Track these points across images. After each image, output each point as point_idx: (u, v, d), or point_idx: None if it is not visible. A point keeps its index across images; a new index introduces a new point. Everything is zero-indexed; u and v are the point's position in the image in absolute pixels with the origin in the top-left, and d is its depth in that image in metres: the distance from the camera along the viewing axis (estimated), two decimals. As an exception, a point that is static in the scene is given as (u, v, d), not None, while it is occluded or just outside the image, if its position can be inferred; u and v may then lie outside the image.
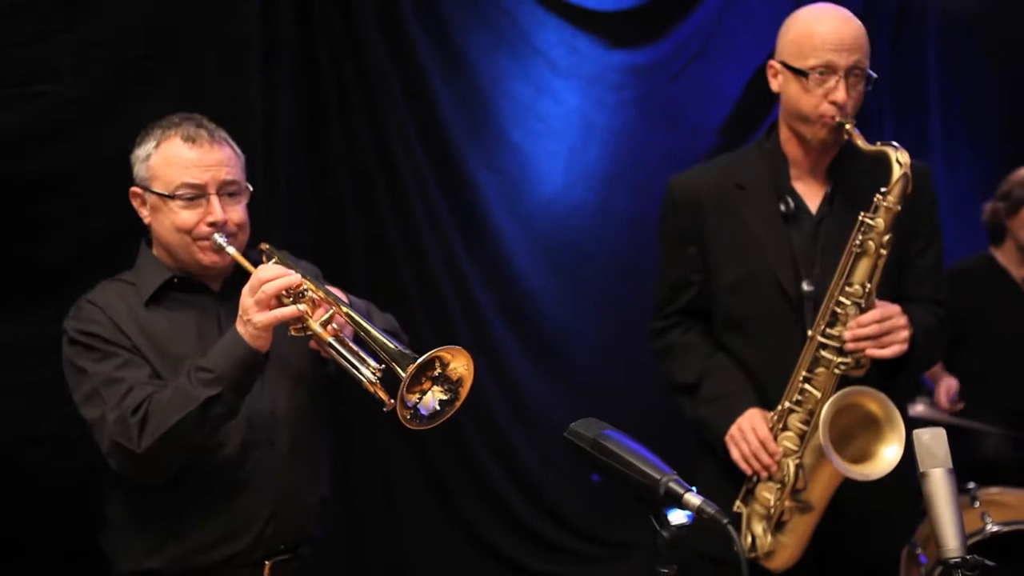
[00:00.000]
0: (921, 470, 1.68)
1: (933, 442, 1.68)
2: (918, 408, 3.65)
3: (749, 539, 2.25)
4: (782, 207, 2.29)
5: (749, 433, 2.20)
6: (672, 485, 1.38)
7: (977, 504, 3.26)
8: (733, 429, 2.23)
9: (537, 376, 4.24)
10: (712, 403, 2.31)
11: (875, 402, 2.07)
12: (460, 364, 1.74)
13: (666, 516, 1.42)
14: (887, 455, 2.07)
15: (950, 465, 1.67)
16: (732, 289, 2.32)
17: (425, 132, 3.86)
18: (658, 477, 1.40)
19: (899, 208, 2.08)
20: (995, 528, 3.10)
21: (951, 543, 1.62)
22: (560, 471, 4.16)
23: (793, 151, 2.32)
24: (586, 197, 4.32)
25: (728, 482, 2.30)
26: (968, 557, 1.60)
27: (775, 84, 2.30)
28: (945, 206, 5.16)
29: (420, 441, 3.86)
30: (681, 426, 2.55)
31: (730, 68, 4.53)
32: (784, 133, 2.33)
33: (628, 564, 4.29)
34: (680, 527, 1.41)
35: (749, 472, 2.21)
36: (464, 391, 1.75)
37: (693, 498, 1.38)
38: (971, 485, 3.39)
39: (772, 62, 2.29)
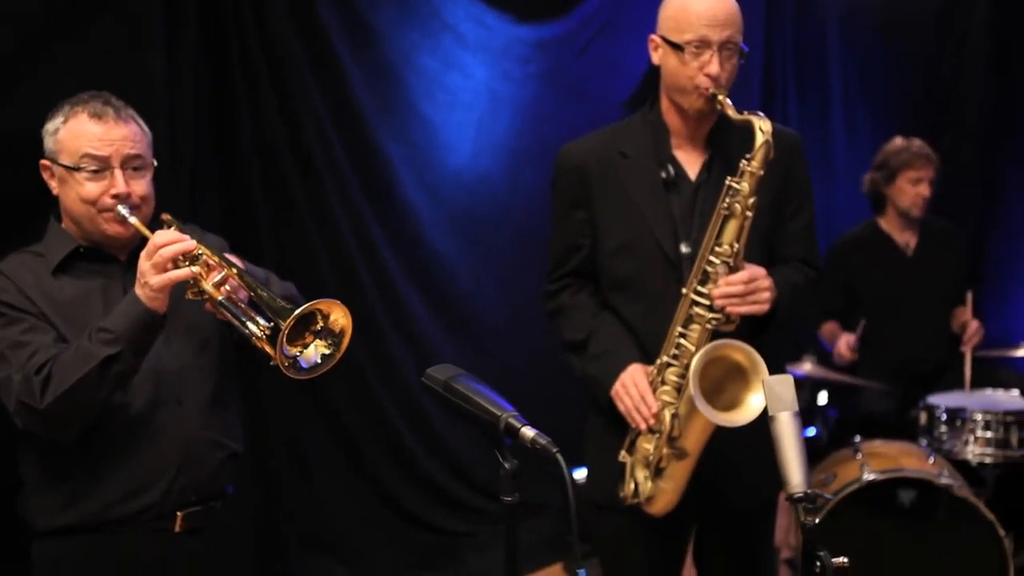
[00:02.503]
0: (770, 413, 1.81)
1: (781, 388, 1.80)
2: (806, 367, 3.84)
3: (632, 486, 2.39)
4: (663, 174, 2.41)
5: (631, 387, 2.33)
6: (511, 420, 1.52)
7: (859, 456, 3.47)
8: (617, 384, 2.36)
9: (447, 342, 4.36)
10: (598, 359, 2.44)
11: (741, 354, 2.21)
12: (339, 316, 1.85)
13: (509, 450, 1.53)
14: (753, 403, 2.21)
15: (796, 408, 1.79)
16: (616, 252, 2.44)
17: (334, 105, 3.92)
18: (499, 414, 1.53)
19: (762, 173, 2.21)
20: (871, 477, 3.31)
21: (795, 480, 1.74)
22: (471, 433, 4.28)
23: (673, 121, 2.44)
24: (494, 168, 4.43)
25: (614, 434, 2.43)
26: (808, 492, 1.72)
27: (655, 57, 2.42)
28: (845, 173, 5.43)
29: (334, 406, 3.96)
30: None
31: (635, 43, 4.63)
32: (665, 104, 2.45)
33: (538, 523, 4.44)
34: (513, 466, 1.53)
35: (634, 424, 2.35)
36: (345, 343, 1.86)
37: (528, 431, 1.51)
38: (856, 439, 3.60)
39: (652, 36, 2.42)
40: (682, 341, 2.30)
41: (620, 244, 2.43)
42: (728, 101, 2.28)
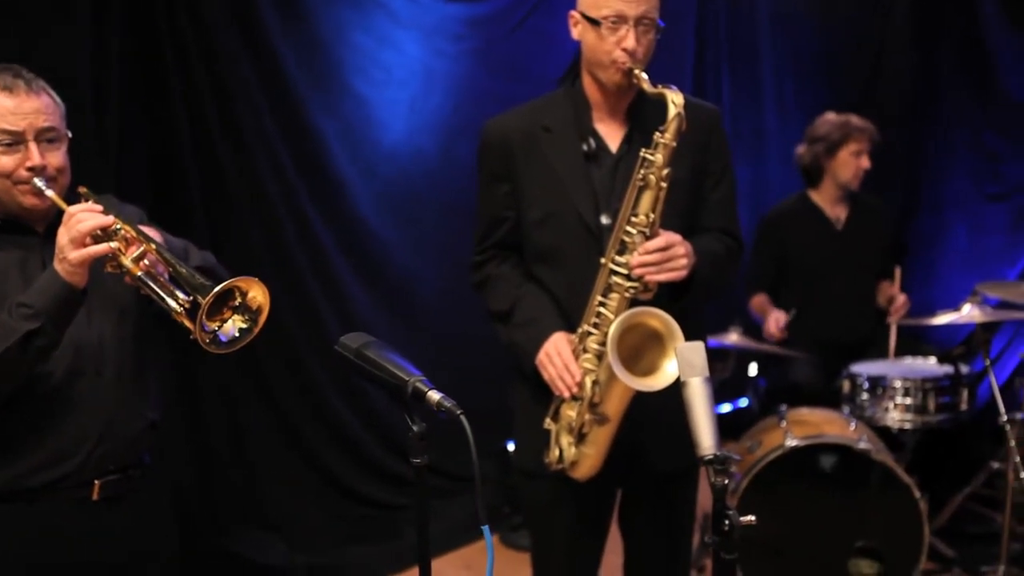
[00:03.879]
0: (682, 379, 1.87)
1: (692, 354, 1.86)
2: (733, 337, 3.92)
3: (557, 452, 2.44)
4: (584, 147, 2.46)
5: (555, 356, 2.38)
6: (418, 385, 1.56)
7: (784, 423, 3.56)
8: (541, 353, 2.41)
9: (383, 318, 4.39)
10: (523, 328, 2.48)
11: (658, 321, 2.26)
12: (257, 293, 1.88)
13: (417, 413, 1.58)
14: (670, 369, 2.26)
15: (707, 374, 1.84)
16: (539, 224, 2.48)
17: (265, 81, 3.92)
18: (407, 378, 1.57)
19: (675, 144, 2.26)
20: (794, 443, 3.40)
21: (706, 442, 1.79)
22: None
23: (594, 95, 2.48)
24: (428, 144, 4.46)
25: (539, 402, 2.48)
26: (718, 454, 1.79)
27: (575, 33, 2.46)
28: (776, 148, 5.51)
29: (270, 383, 3.98)
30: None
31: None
32: (585, 79, 2.49)
33: (472, 497, 4.51)
34: (422, 429, 1.57)
35: (558, 392, 2.40)
36: (262, 319, 1.90)
37: (434, 394, 1.56)
38: (782, 407, 3.69)
39: (572, 12, 2.45)
40: (602, 310, 2.35)
41: (543, 216, 2.47)
42: (644, 75, 2.33)
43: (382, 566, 3.85)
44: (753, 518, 1.87)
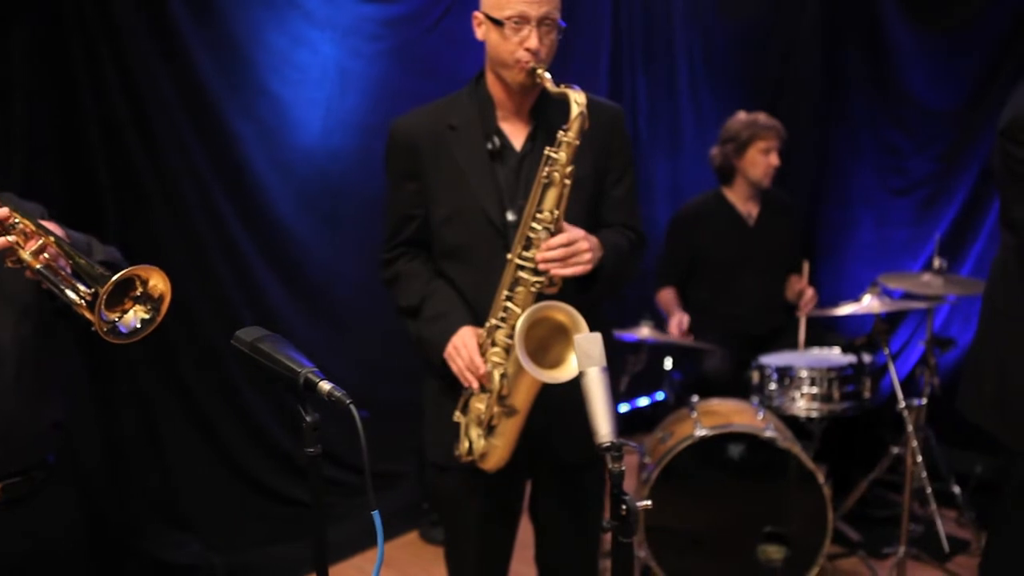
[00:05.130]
0: (580, 369, 1.93)
1: (589, 345, 1.92)
2: (643, 331, 4.00)
3: (467, 444, 2.49)
4: (489, 145, 2.51)
5: (462, 349, 2.43)
6: (310, 376, 1.60)
7: (694, 414, 3.64)
8: (449, 347, 2.45)
9: (302, 317, 4.39)
10: (431, 324, 2.52)
11: (563, 314, 2.31)
12: (158, 282, 1.89)
13: (309, 405, 1.61)
14: (575, 361, 2.31)
15: (604, 364, 1.91)
16: (447, 221, 2.53)
17: (179, 81, 3.90)
18: (299, 370, 1.61)
19: (578, 142, 2.32)
20: (703, 433, 3.48)
21: (603, 430, 1.86)
22: (327, 407, 4.33)
23: (498, 94, 2.53)
24: (344, 144, 4.47)
25: (449, 395, 2.53)
26: (614, 441, 1.85)
27: (479, 33, 2.51)
28: (691, 146, 5.62)
29: (186, 382, 3.96)
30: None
31: (485, 20, 4.74)
32: (490, 78, 2.55)
33: (394, 493, 4.54)
34: (315, 419, 1.61)
35: (467, 385, 2.45)
36: (164, 308, 1.90)
37: (325, 385, 1.60)
38: (694, 399, 3.78)
39: (476, 13, 2.50)
40: (509, 304, 2.40)
41: (450, 213, 2.52)
42: (547, 75, 2.38)
43: (300, 565, 3.86)
44: (650, 502, 1.94)
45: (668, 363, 4.47)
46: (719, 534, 3.54)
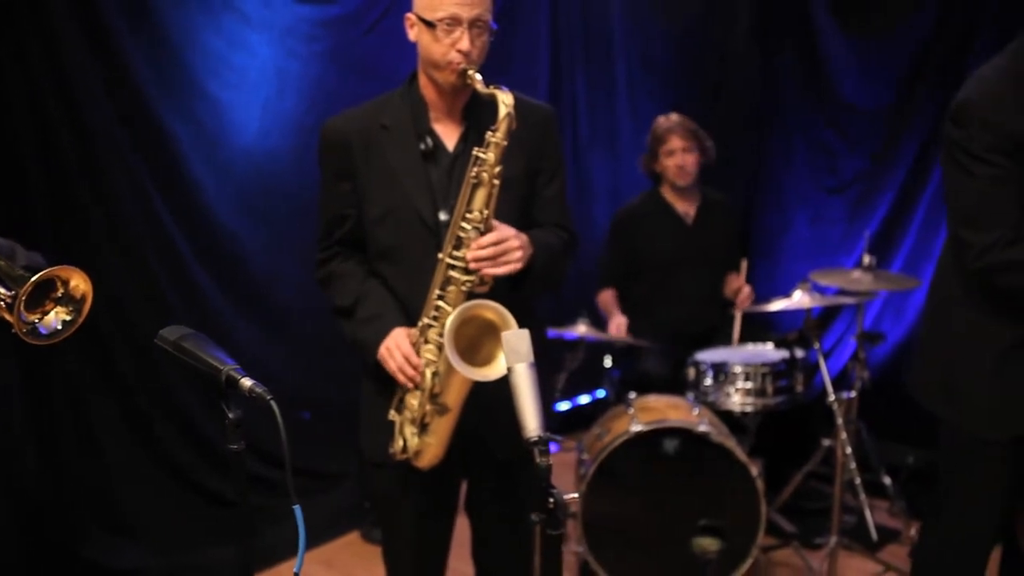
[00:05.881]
0: (508, 365, 1.96)
1: (517, 341, 1.95)
2: (580, 328, 4.05)
3: (401, 442, 2.52)
4: (421, 146, 2.54)
5: (395, 349, 2.45)
6: (232, 373, 1.63)
7: (631, 410, 3.70)
8: (382, 348, 2.48)
9: (240, 319, 4.38)
10: (366, 324, 2.54)
11: (493, 312, 2.34)
12: (80, 282, 1.89)
13: (233, 401, 1.63)
14: (503, 359, 2.36)
15: (531, 360, 1.94)
16: (379, 221, 2.55)
17: (113, 84, 3.86)
18: (221, 367, 1.63)
19: (506, 143, 2.35)
20: (638, 428, 3.54)
21: (531, 425, 1.89)
22: (267, 409, 4.32)
23: (431, 95, 2.56)
24: (282, 145, 4.47)
25: (384, 394, 2.55)
26: (542, 435, 1.88)
27: (412, 34, 2.54)
28: (630, 148, 5.69)
29: (122, 383, 3.94)
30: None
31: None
32: (422, 79, 2.57)
33: (337, 494, 4.55)
34: (237, 416, 1.63)
35: (401, 384, 2.47)
36: (86, 308, 1.90)
37: (246, 381, 1.63)
38: (632, 395, 3.83)
39: (408, 15, 2.53)
40: (440, 303, 2.43)
41: (382, 213, 2.54)
42: (478, 76, 2.41)
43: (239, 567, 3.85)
44: (576, 495, 1.98)
45: (608, 361, 4.53)
46: (656, 528, 3.60)
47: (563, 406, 5.60)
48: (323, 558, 4.19)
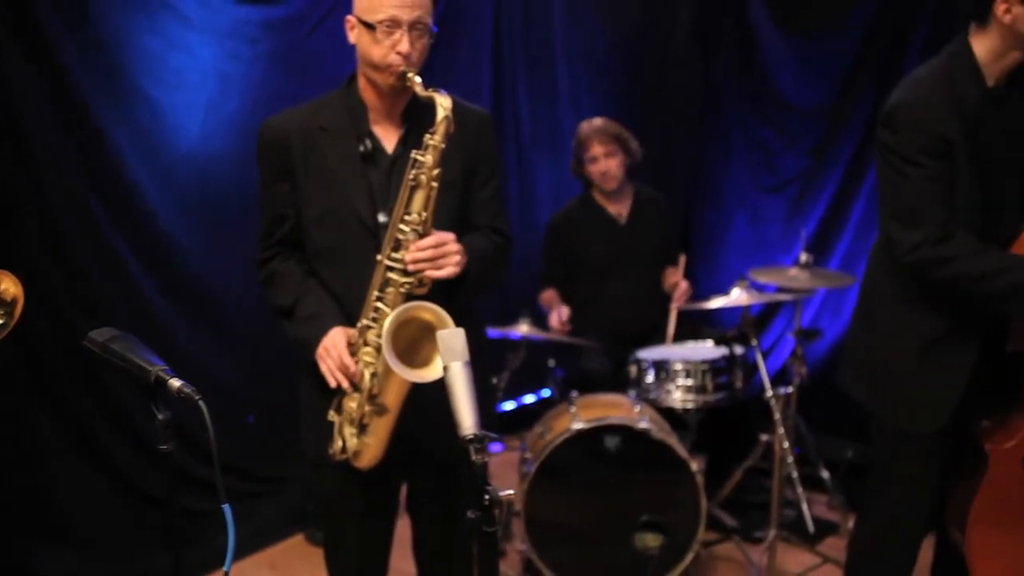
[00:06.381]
0: (443, 364, 1.99)
1: (452, 340, 1.97)
2: (522, 328, 4.09)
3: (340, 443, 2.53)
4: (360, 148, 2.55)
5: (332, 350, 2.46)
6: (161, 374, 1.64)
7: (573, 409, 3.74)
8: (320, 348, 2.49)
9: (184, 322, 4.34)
10: (305, 323, 2.55)
11: (431, 314, 2.36)
12: (9, 285, 1.89)
13: (163, 402, 1.65)
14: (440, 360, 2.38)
15: (467, 358, 1.96)
16: (318, 221, 2.56)
17: (49, 86, 3.81)
18: (150, 369, 1.64)
19: (444, 146, 2.38)
20: (579, 426, 3.58)
21: (467, 423, 1.91)
22: (212, 413, 4.30)
23: (370, 98, 2.58)
24: (225, 147, 4.44)
25: (324, 395, 2.56)
26: (477, 433, 1.91)
27: (351, 36, 2.55)
28: (568, 151, 5.71)
29: (62, 389, 3.89)
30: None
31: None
32: (362, 81, 2.59)
33: (282, 496, 4.53)
34: (167, 416, 1.64)
35: (334, 385, 2.48)
36: (18, 311, 1.90)
37: (175, 382, 1.65)
38: (573, 394, 3.87)
39: (348, 17, 2.54)
40: (379, 305, 2.45)
41: (321, 214, 2.55)
42: (417, 79, 2.43)
43: (186, 571, 3.83)
44: (512, 492, 2.00)
45: (552, 361, 4.57)
46: (599, 525, 3.64)
47: (508, 406, 5.63)
48: (268, 561, 4.18)
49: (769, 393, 3.91)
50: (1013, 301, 2.60)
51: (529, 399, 5.76)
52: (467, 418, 1.93)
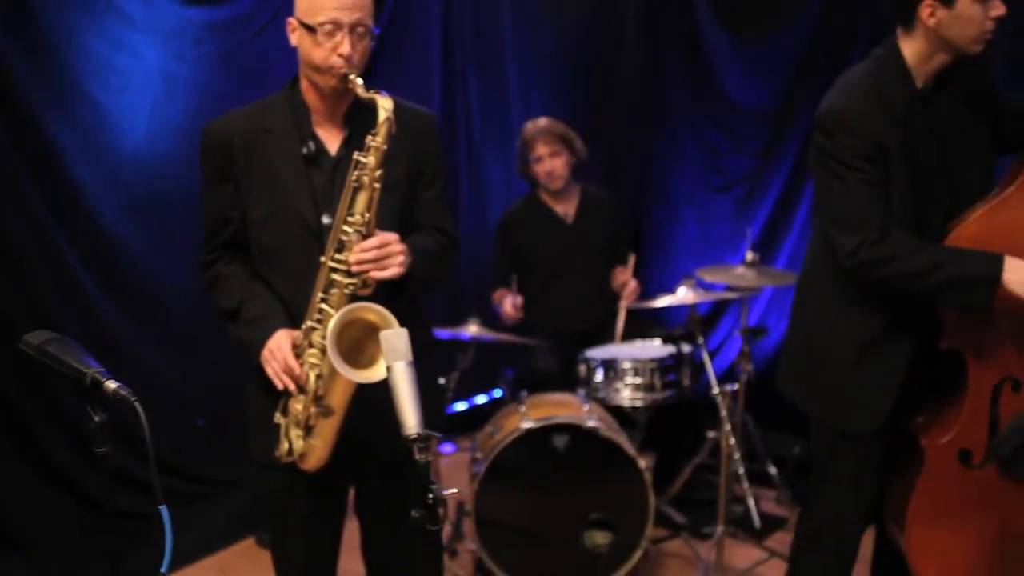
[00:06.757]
0: (387, 364, 1.99)
1: (395, 340, 1.98)
2: (472, 328, 4.10)
3: (287, 445, 2.53)
4: (304, 150, 2.55)
5: (276, 352, 2.46)
6: (96, 376, 1.64)
7: (522, 408, 3.76)
8: (264, 350, 2.49)
9: (131, 326, 4.32)
10: (250, 325, 2.55)
11: (375, 314, 2.36)
12: None
13: (100, 405, 1.64)
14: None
15: (410, 358, 1.97)
16: (262, 223, 2.55)
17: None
18: (86, 371, 1.64)
19: (386, 147, 2.38)
20: (528, 425, 3.60)
21: (410, 422, 1.92)
22: (161, 416, 4.27)
23: (313, 100, 2.58)
24: (170, 149, 4.41)
25: (270, 397, 2.55)
26: (420, 432, 1.92)
27: (293, 39, 2.55)
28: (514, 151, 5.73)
29: (5, 393, 3.85)
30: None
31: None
32: (304, 84, 2.59)
33: (231, 500, 4.51)
34: (103, 419, 1.64)
35: (280, 387, 2.48)
36: None
37: (111, 384, 1.65)
38: (523, 393, 3.89)
39: (290, 19, 2.54)
40: (324, 306, 2.44)
41: (265, 215, 2.55)
42: (359, 81, 2.43)
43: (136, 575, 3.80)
44: (456, 490, 2.02)
45: (502, 361, 4.58)
46: (549, 523, 3.66)
47: (460, 406, 5.64)
48: (218, 565, 4.16)
49: (716, 390, 3.95)
50: (949, 294, 2.66)
51: (481, 399, 5.77)
52: (411, 418, 1.94)
